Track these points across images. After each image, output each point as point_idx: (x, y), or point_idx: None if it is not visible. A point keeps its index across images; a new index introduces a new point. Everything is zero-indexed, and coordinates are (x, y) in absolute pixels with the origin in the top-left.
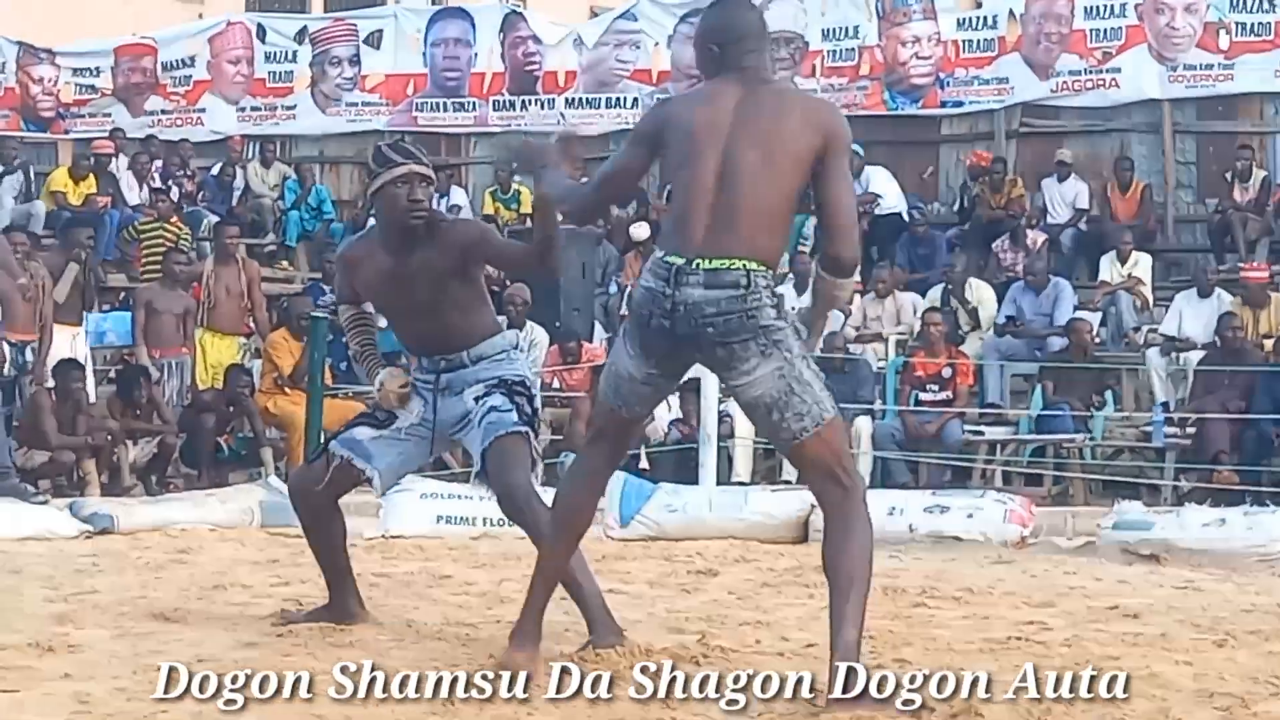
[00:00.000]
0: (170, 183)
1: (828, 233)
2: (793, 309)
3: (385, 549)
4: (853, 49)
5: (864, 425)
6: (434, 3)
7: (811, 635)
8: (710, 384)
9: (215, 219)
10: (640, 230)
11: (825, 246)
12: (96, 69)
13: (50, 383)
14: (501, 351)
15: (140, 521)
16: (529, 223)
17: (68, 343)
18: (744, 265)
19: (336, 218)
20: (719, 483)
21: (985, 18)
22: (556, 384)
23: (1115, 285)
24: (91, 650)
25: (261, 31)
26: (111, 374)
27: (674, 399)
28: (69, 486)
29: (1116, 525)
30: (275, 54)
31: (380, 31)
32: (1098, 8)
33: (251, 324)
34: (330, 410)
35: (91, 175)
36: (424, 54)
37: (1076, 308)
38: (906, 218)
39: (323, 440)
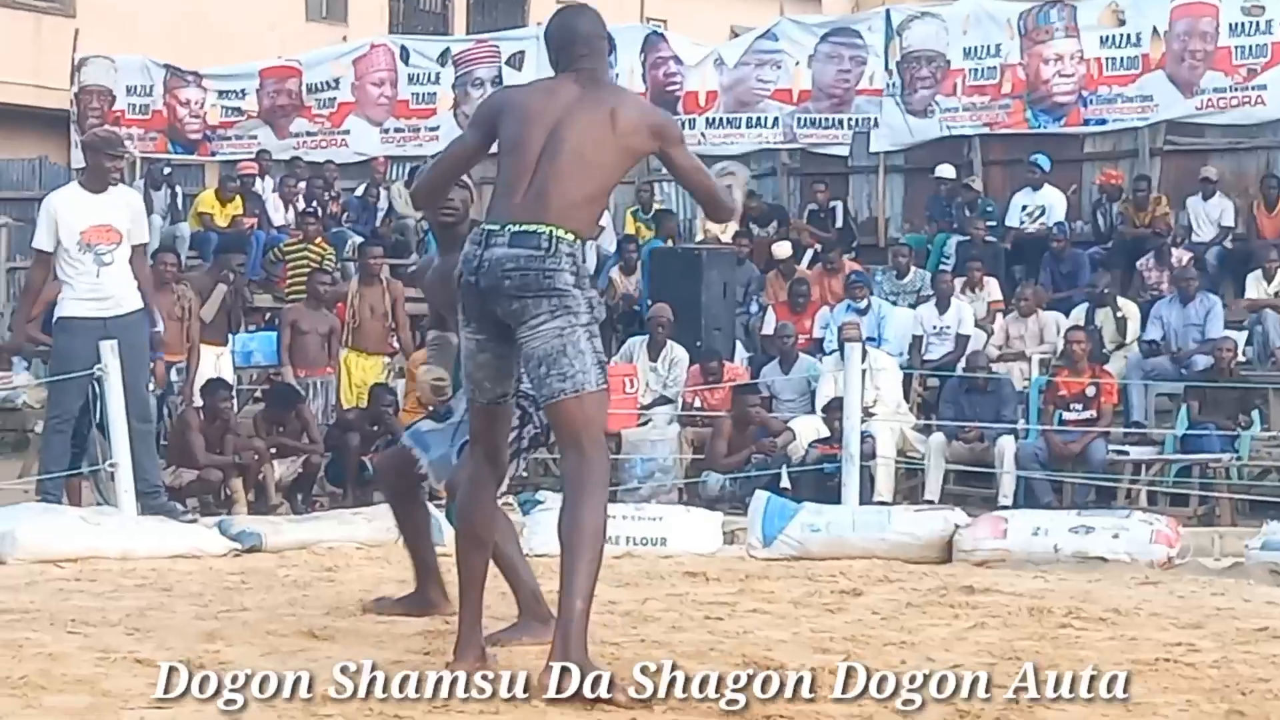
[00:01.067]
0: (315, 204)
1: (700, 204)
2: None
3: None
4: (995, 67)
5: (1007, 445)
6: None
7: (957, 656)
8: (853, 403)
9: (359, 240)
10: (782, 249)
11: (705, 213)
12: (242, 91)
13: (198, 402)
14: None
15: (287, 540)
16: (670, 241)
17: (213, 362)
18: (550, 230)
19: None
20: (861, 502)
21: (1128, 35)
22: (698, 403)
23: (1262, 303)
24: (241, 667)
25: (405, 54)
26: (257, 393)
27: (817, 420)
28: (216, 505)
29: (1265, 546)
30: (418, 76)
31: (522, 53)
32: (1243, 24)
33: (395, 344)
34: None
35: (238, 197)
36: None
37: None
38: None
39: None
